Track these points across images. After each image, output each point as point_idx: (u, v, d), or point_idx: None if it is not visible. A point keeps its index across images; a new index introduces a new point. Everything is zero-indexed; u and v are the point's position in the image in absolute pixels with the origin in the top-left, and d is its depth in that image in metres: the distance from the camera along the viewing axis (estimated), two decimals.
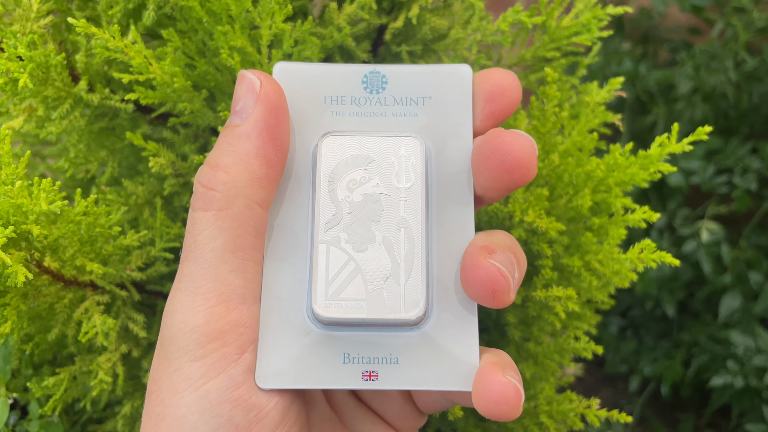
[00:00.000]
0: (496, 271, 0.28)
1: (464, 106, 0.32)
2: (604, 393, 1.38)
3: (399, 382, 0.29)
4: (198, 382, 0.27)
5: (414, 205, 0.30)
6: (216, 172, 0.28)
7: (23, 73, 0.37)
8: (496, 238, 0.30)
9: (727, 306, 1.17)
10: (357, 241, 0.29)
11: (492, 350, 0.30)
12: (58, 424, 0.49)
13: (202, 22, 0.39)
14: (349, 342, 0.29)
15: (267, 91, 0.29)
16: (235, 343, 0.28)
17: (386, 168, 0.30)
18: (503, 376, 0.27)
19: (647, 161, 0.41)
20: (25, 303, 0.38)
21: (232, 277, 0.28)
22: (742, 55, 1.23)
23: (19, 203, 0.34)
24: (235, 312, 0.28)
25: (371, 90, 0.32)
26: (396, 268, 0.29)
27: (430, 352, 0.29)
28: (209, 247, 0.28)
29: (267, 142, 0.29)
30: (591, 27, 0.46)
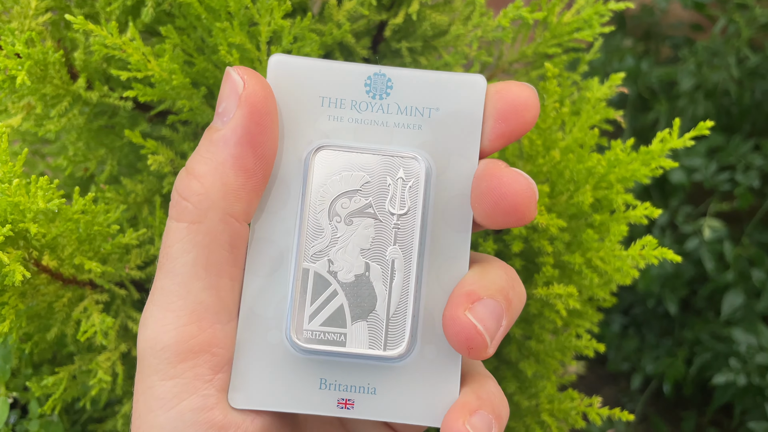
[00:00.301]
0: (472, 328, 0.26)
1: (473, 123, 0.29)
2: (606, 391, 1.38)
3: (375, 412, 0.28)
4: (171, 402, 0.26)
5: (407, 234, 0.28)
6: (191, 180, 0.27)
7: (21, 70, 0.37)
8: (489, 279, 0.28)
9: (729, 303, 1.17)
10: (343, 269, 0.28)
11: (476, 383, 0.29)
12: (58, 424, 0.49)
13: (201, 19, 0.39)
14: (327, 367, 0.28)
15: (250, 94, 0.26)
16: (208, 364, 0.27)
17: (381, 190, 0.28)
18: (463, 425, 0.26)
19: (649, 157, 0.40)
20: (24, 302, 0.38)
21: (205, 294, 0.27)
22: (744, 52, 1.23)
23: (17, 201, 0.33)
24: (208, 332, 0.27)
25: (374, 95, 0.29)
26: (381, 301, 0.28)
27: (410, 385, 0.28)
28: (181, 261, 0.26)
29: (246, 150, 0.26)
30: (592, 23, 0.46)
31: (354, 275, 0.28)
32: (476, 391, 0.28)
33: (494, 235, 0.44)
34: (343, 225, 0.28)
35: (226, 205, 0.26)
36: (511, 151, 0.44)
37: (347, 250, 0.28)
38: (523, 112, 0.28)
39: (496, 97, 0.29)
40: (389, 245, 0.28)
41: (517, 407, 0.47)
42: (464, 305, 0.27)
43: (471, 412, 0.27)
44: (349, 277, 0.28)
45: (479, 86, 0.29)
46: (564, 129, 0.45)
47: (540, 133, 0.42)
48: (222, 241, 0.27)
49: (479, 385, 0.28)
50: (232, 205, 0.26)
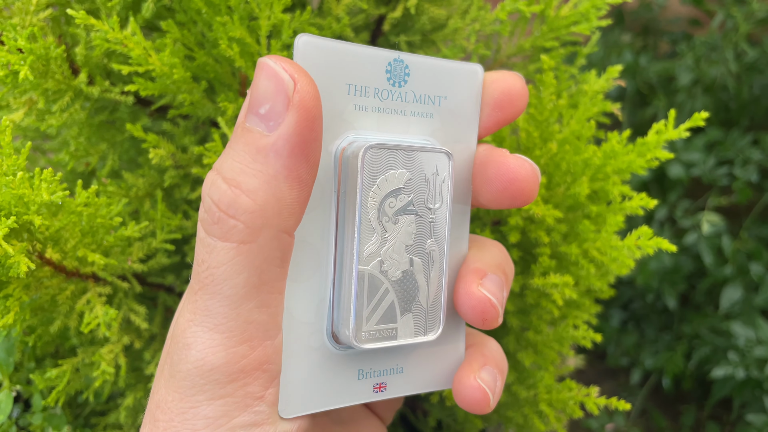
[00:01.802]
0: (487, 301, 0.29)
1: (473, 111, 0.30)
2: (606, 386, 1.38)
3: (403, 389, 0.30)
4: (219, 421, 0.25)
5: (441, 226, 0.29)
6: (238, 196, 0.24)
7: (23, 65, 0.38)
8: (488, 256, 0.31)
9: (728, 298, 1.18)
10: (392, 267, 0.28)
11: (478, 343, 0.32)
12: (61, 417, 0.49)
13: (201, 13, 0.39)
14: (363, 358, 0.29)
15: (303, 97, 0.24)
16: (259, 381, 0.26)
17: (421, 186, 0.29)
18: (475, 380, 0.30)
19: (645, 148, 0.41)
20: (27, 294, 0.38)
21: (256, 313, 0.25)
22: (742, 47, 1.23)
23: (21, 194, 0.34)
24: (259, 350, 0.25)
25: (394, 82, 0.29)
26: (423, 291, 0.29)
27: (429, 357, 0.31)
28: (230, 283, 0.24)
29: (300, 160, 0.24)
30: (590, 16, 0.46)
31: (401, 271, 0.29)
32: (481, 351, 0.31)
33: (491, 226, 0.45)
34: (390, 224, 0.28)
35: (281, 222, 0.24)
36: (509, 143, 0.44)
37: (395, 249, 0.28)
38: (516, 101, 0.30)
39: (494, 86, 0.30)
40: (428, 239, 0.29)
41: (516, 397, 0.47)
42: (476, 281, 0.29)
43: (479, 368, 0.30)
44: (397, 274, 0.29)
45: (478, 75, 0.31)
46: (561, 121, 0.45)
47: (537, 125, 0.43)
48: (274, 258, 0.25)
49: (483, 345, 0.31)
50: (286, 221, 0.25)
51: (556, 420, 0.45)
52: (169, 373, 0.26)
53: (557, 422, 0.46)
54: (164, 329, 0.48)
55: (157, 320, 0.47)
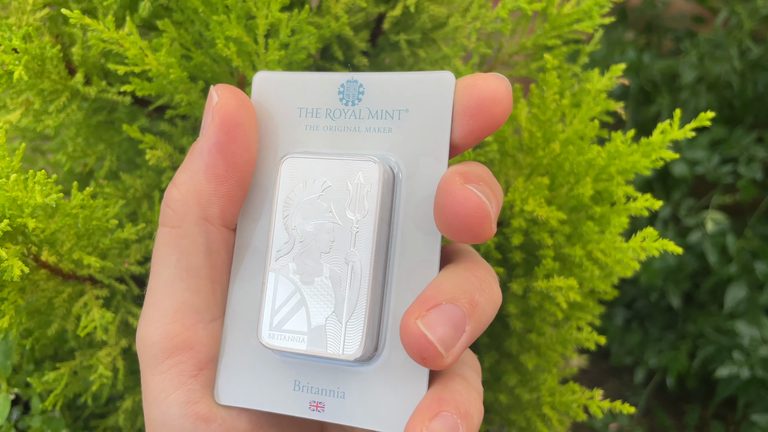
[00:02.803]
0: (422, 337, 0.25)
1: (443, 122, 0.28)
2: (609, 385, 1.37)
3: (343, 417, 0.28)
4: (160, 396, 0.28)
5: (365, 239, 0.28)
6: (172, 189, 0.29)
7: (18, 65, 0.37)
8: (451, 282, 0.27)
9: (732, 296, 1.17)
10: (305, 273, 0.28)
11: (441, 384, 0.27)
12: (59, 420, 0.49)
13: (198, 13, 0.39)
14: (301, 369, 0.29)
15: (220, 106, 0.28)
16: (192, 361, 0.28)
17: (341, 195, 0.28)
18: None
19: (649, 148, 0.40)
20: (23, 297, 0.38)
21: (187, 294, 0.28)
22: (746, 44, 1.22)
23: (14, 196, 0.33)
24: (191, 330, 0.28)
25: (347, 101, 0.29)
26: (339, 304, 0.28)
27: (377, 390, 0.28)
28: (165, 263, 0.28)
29: (217, 158, 0.28)
30: (592, 14, 0.46)
31: (314, 278, 0.28)
32: (438, 393, 0.27)
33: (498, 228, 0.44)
34: (306, 230, 0.28)
35: (200, 210, 0.28)
36: (511, 143, 0.44)
37: (309, 255, 0.28)
38: (491, 107, 0.27)
39: (462, 92, 0.28)
40: (348, 249, 0.28)
41: (518, 400, 0.47)
42: (418, 312, 0.25)
43: (431, 417, 0.25)
44: (310, 280, 0.28)
45: (448, 83, 0.28)
46: (564, 121, 0.45)
47: (540, 125, 0.42)
48: (199, 244, 0.28)
49: (443, 387, 0.27)
50: (205, 210, 0.28)
51: (559, 423, 0.45)
52: None
53: (560, 425, 0.45)
54: None
55: None
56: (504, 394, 0.47)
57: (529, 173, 0.43)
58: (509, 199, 0.41)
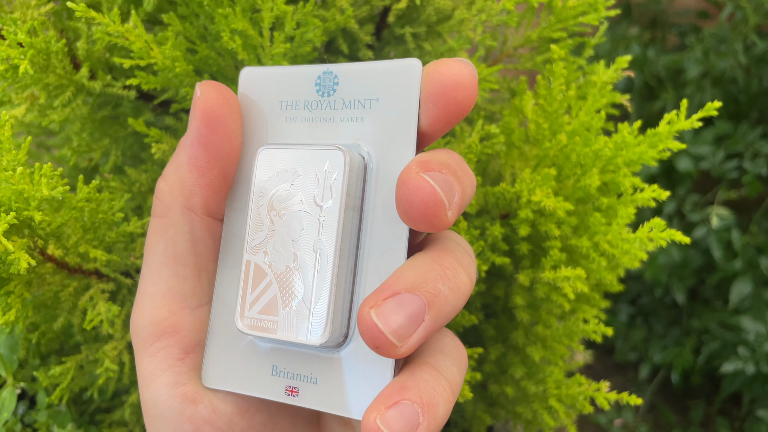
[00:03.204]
0: (373, 326, 0.24)
1: (410, 110, 0.28)
2: (614, 381, 1.37)
3: (315, 402, 0.28)
4: (149, 378, 0.29)
5: (330, 226, 0.28)
6: (160, 180, 0.30)
7: (23, 59, 0.37)
8: (412, 271, 0.26)
9: (737, 292, 1.16)
10: (276, 260, 0.29)
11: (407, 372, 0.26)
12: (66, 414, 0.49)
13: (203, 6, 0.39)
14: (278, 355, 0.29)
15: (200, 99, 0.29)
16: (179, 345, 0.29)
17: (310, 184, 0.29)
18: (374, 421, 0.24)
19: (656, 139, 0.40)
20: (30, 291, 0.38)
21: (174, 281, 0.30)
22: (751, 39, 1.22)
23: (21, 189, 0.33)
24: (177, 315, 0.29)
25: (323, 93, 0.30)
26: (307, 291, 0.28)
27: (346, 376, 0.28)
28: (153, 251, 0.30)
29: (198, 150, 0.29)
30: (598, 6, 0.45)
31: (285, 266, 0.29)
32: (402, 381, 0.26)
33: (501, 220, 0.44)
34: (278, 218, 0.29)
35: (183, 200, 0.30)
36: (518, 135, 0.44)
37: (280, 242, 0.29)
38: (453, 93, 0.26)
39: (426, 79, 0.27)
40: (316, 236, 0.28)
41: (525, 393, 0.47)
42: (374, 301, 0.25)
43: (388, 406, 0.25)
44: (281, 268, 0.29)
45: (414, 70, 0.28)
46: (570, 113, 0.45)
47: (546, 117, 0.42)
48: (184, 232, 0.30)
49: (409, 374, 0.26)
50: (188, 200, 0.30)
51: (566, 415, 0.45)
52: None
53: (567, 418, 0.45)
54: None
55: None
56: (510, 387, 0.47)
57: (535, 165, 0.43)
58: (516, 191, 0.41)
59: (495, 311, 0.49)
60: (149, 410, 0.29)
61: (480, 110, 0.50)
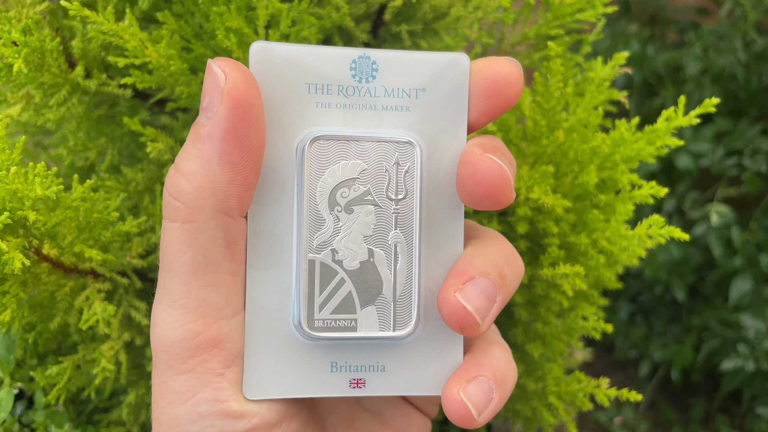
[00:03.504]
0: (461, 309, 0.27)
1: (460, 102, 0.29)
2: (614, 379, 1.37)
3: (385, 388, 0.29)
4: (185, 395, 0.27)
5: (407, 218, 0.28)
6: (179, 179, 0.26)
7: (18, 58, 0.37)
8: (481, 257, 0.29)
9: (737, 289, 1.16)
10: (348, 257, 0.28)
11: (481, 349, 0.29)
12: (63, 414, 0.49)
13: (198, 4, 0.39)
14: (336, 351, 0.29)
15: (231, 87, 0.26)
16: (218, 358, 0.27)
17: (379, 177, 0.28)
18: (458, 393, 0.27)
19: (654, 135, 0.40)
20: (25, 291, 0.38)
21: (206, 292, 0.27)
22: (751, 35, 1.22)
23: (15, 189, 0.33)
24: (213, 328, 0.27)
25: (360, 78, 0.29)
26: (388, 284, 0.28)
27: (416, 359, 0.29)
28: (179, 261, 0.26)
29: (231, 145, 0.26)
30: (595, 3, 0.45)
31: (359, 262, 0.28)
32: (477, 358, 0.29)
33: (498, 217, 0.44)
34: (344, 214, 0.28)
35: (217, 202, 0.26)
36: (515, 132, 0.44)
37: (350, 238, 0.28)
38: (505, 89, 0.29)
39: (478, 75, 0.29)
40: (391, 230, 0.28)
41: (524, 390, 0.47)
42: (455, 286, 0.27)
43: (468, 380, 0.28)
44: (354, 264, 0.28)
45: (463, 65, 0.29)
46: (568, 110, 0.45)
47: (544, 114, 0.42)
48: (217, 237, 0.26)
49: (482, 352, 0.29)
50: (222, 202, 0.26)
51: (566, 413, 0.45)
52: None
53: (566, 415, 0.45)
54: None
55: None
56: None
57: (533, 162, 0.43)
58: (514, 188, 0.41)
59: None
60: (183, 427, 0.27)
61: None
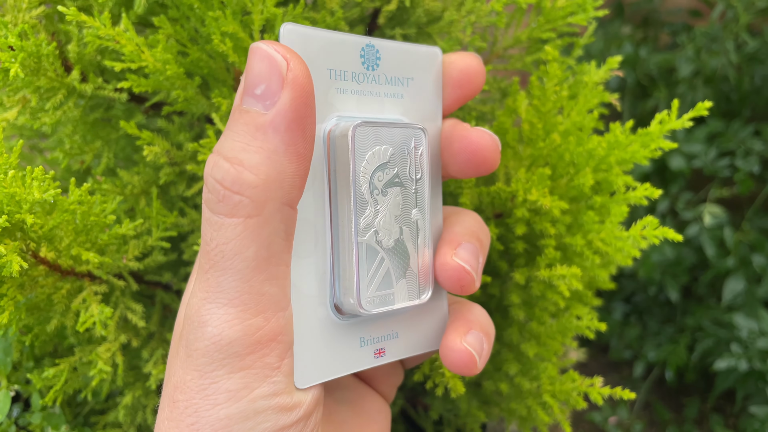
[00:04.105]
0: (461, 269, 0.30)
1: (437, 90, 0.33)
2: (609, 379, 1.38)
3: (400, 352, 0.32)
4: (240, 393, 0.26)
5: (423, 195, 0.31)
6: (241, 172, 0.25)
7: (14, 62, 0.37)
8: (461, 226, 0.32)
9: (730, 289, 1.17)
10: (386, 237, 0.30)
11: (464, 310, 0.33)
12: (60, 416, 0.49)
13: (194, 9, 0.39)
14: (363, 327, 0.31)
15: (296, 75, 0.25)
16: (275, 352, 0.27)
17: (404, 160, 0.31)
18: (461, 344, 0.31)
19: (648, 138, 0.40)
20: (22, 293, 0.38)
21: (267, 286, 0.26)
22: (743, 37, 1.23)
23: (12, 192, 0.33)
24: (273, 321, 0.26)
25: (368, 66, 0.31)
26: (414, 257, 0.31)
27: (418, 321, 0.33)
28: (240, 257, 0.25)
29: (297, 135, 0.25)
30: (586, 7, 0.46)
31: (393, 240, 0.30)
32: (466, 316, 0.32)
33: (496, 219, 0.44)
34: (381, 196, 0.30)
35: (283, 194, 0.25)
36: (512, 134, 0.44)
37: (387, 219, 0.30)
38: (474, 79, 0.33)
39: (451, 67, 0.33)
40: (413, 209, 0.31)
41: (519, 389, 0.47)
42: (450, 252, 0.31)
43: (465, 332, 0.31)
44: (390, 243, 0.30)
45: (438, 57, 0.33)
46: (562, 113, 0.45)
47: (540, 117, 0.42)
48: (279, 230, 0.26)
49: (466, 311, 0.33)
50: (288, 194, 0.26)
51: (560, 411, 0.45)
52: (185, 354, 0.27)
53: (561, 413, 0.46)
54: (162, 327, 0.47)
55: (155, 318, 0.47)
56: (504, 384, 0.47)
57: (529, 164, 0.43)
58: (512, 190, 0.41)
59: (490, 309, 0.50)
60: (234, 426, 0.26)
61: (471, 111, 0.50)
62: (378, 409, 0.36)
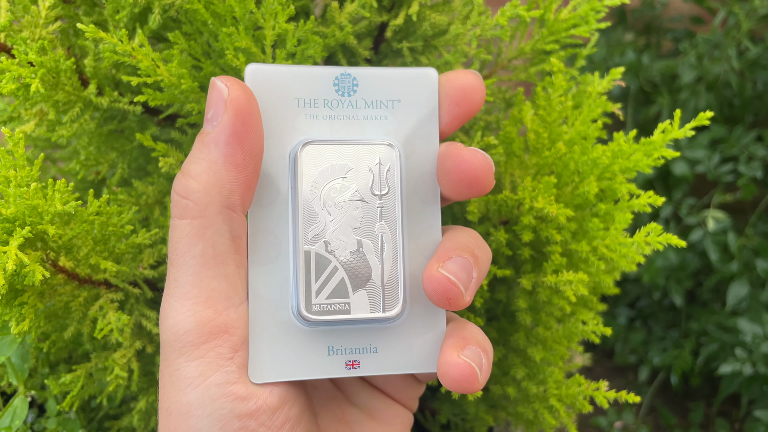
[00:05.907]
0: (446, 280, 0.30)
1: (431, 110, 0.33)
2: (614, 384, 1.38)
3: (378, 368, 0.32)
4: (197, 380, 0.29)
5: (391, 211, 0.32)
6: (188, 180, 0.29)
7: (35, 78, 0.38)
8: (455, 242, 0.32)
9: (734, 294, 1.17)
10: (340, 248, 0.31)
11: (458, 327, 0.33)
12: (75, 421, 0.50)
13: (207, 24, 0.40)
14: (332, 335, 0.32)
15: (233, 98, 0.29)
16: (228, 344, 0.30)
17: (364, 176, 0.32)
18: (459, 357, 0.30)
19: (651, 147, 0.41)
20: (42, 302, 0.39)
21: (216, 281, 0.29)
22: (745, 43, 1.23)
23: (35, 204, 0.34)
24: (224, 315, 0.30)
25: (343, 92, 0.33)
26: (376, 270, 0.31)
27: (404, 339, 0.32)
28: (190, 254, 0.29)
29: (235, 147, 0.29)
30: (589, 19, 0.47)
31: (349, 252, 0.31)
32: (461, 333, 0.32)
33: (504, 226, 0.45)
34: (334, 209, 0.31)
35: (222, 198, 0.29)
36: (517, 144, 0.45)
37: (341, 231, 0.31)
38: (472, 95, 0.33)
39: (447, 85, 0.33)
40: (377, 222, 0.32)
41: (526, 393, 0.48)
42: (437, 264, 0.31)
43: (462, 348, 0.31)
44: (345, 254, 0.31)
45: (432, 78, 0.34)
46: (567, 122, 0.46)
47: (546, 126, 0.43)
48: (223, 231, 0.29)
49: (461, 328, 0.32)
50: (227, 198, 0.29)
51: (566, 415, 0.46)
52: (160, 348, 0.30)
53: (567, 417, 0.46)
54: None
55: None
56: (512, 388, 0.48)
57: (535, 173, 0.44)
58: (518, 198, 0.42)
59: (497, 315, 0.50)
60: (195, 411, 0.29)
61: (478, 120, 0.51)
62: (395, 414, 0.37)
